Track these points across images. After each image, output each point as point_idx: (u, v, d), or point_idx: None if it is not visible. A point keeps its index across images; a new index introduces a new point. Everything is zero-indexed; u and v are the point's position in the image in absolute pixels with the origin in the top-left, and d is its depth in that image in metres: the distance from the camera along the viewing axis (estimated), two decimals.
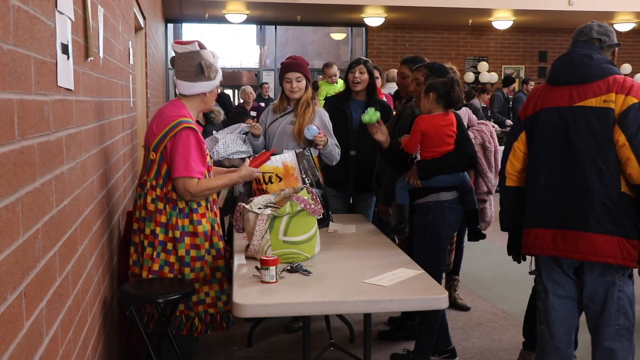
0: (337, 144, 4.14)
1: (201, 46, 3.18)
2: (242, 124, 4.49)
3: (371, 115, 3.58)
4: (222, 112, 6.36)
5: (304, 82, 4.10)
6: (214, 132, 4.32)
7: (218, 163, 3.95)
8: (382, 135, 3.65)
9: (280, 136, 4.09)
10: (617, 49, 2.93)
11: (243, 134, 4.20)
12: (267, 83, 12.84)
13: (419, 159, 3.59)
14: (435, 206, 3.56)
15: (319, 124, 4.05)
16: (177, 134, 2.99)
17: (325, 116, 4.16)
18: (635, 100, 2.63)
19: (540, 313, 3.02)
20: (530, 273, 3.14)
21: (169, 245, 3.07)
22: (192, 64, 3.08)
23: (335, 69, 7.57)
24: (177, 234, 3.05)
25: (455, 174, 3.54)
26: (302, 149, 3.92)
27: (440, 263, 3.60)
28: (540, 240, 2.87)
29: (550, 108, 2.84)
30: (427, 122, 3.49)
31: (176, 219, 3.05)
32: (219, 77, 3.19)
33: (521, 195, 3.00)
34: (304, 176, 3.83)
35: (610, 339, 2.80)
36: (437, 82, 3.54)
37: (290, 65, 4.11)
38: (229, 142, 4.04)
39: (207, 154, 3.17)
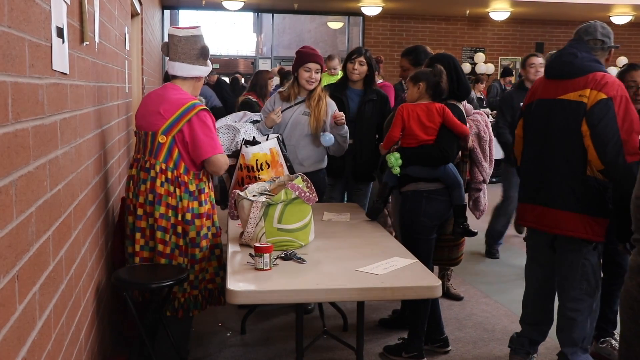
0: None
1: None
2: (248, 112, 4.45)
3: (394, 163, 3.51)
4: (203, 100, 6.24)
5: (320, 75, 4.18)
6: (228, 121, 4.25)
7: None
8: None
9: (294, 125, 4.14)
10: (613, 49, 3.25)
11: (251, 122, 4.19)
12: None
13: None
14: (413, 195, 3.57)
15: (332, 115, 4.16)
16: (195, 117, 3.05)
17: (335, 108, 4.22)
18: (604, 96, 2.91)
19: (525, 274, 3.52)
20: (524, 239, 3.62)
21: (179, 229, 3.11)
22: (195, 47, 3.15)
23: (336, 62, 7.50)
24: (188, 216, 3.10)
25: (434, 167, 3.51)
26: (278, 134, 3.99)
27: (423, 252, 3.46)
28: (524, 213, 3.35)
29: (541, 99, 3.20)
30: (410, 109, 3.53)
31: (187, 201, 3.09)
32: (211, 65, 3.30)
33: None
34: (286, 162, 3.87)
35: (573, 300, 3.18)
36: (426, 72, 3.57)
37: (313, 56, 4.15)
38: (249, 130, 4.04)
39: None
